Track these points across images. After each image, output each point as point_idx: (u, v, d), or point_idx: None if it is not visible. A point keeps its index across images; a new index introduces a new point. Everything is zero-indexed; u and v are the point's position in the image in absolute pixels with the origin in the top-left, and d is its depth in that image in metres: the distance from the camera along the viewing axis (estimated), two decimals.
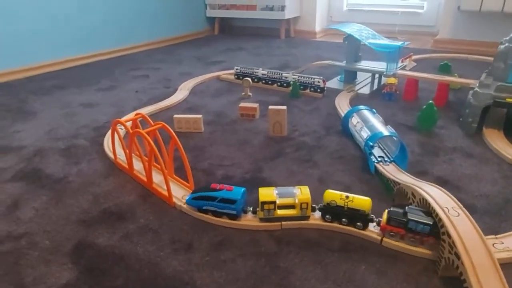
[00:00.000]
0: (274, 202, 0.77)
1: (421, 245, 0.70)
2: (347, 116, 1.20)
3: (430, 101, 1.21)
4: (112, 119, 1.32)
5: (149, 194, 0.93)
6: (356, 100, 1.53)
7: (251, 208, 0.82)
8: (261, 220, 0.79)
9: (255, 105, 1.37)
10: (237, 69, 1.82)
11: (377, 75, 1.65)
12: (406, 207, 0.71)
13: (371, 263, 0.69)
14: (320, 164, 1.05)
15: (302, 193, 0.79)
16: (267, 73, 1.72)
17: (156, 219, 0.83)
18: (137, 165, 1.00)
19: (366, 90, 1.62)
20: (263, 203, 0.77)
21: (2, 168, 1.08)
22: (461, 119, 1.26)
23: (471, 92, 1.23)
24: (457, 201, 0.70)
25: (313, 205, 0.80)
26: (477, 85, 1.21)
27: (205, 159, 1.09)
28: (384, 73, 1.53)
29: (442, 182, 0.94)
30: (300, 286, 0.65)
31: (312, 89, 1.60)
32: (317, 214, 0.80)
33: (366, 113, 1.15)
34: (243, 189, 0.82)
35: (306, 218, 0.79)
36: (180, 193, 0.90)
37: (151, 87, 1.82)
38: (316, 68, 1.91)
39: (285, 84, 1.67)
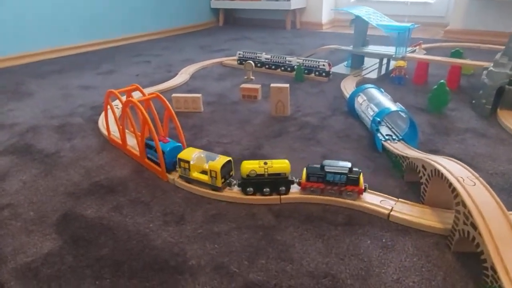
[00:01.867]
0: (188, 162, 0.75)
1: (340, 196, 0.71)
2: (352, 95, 1.15)
3: (442, 81, 1.15)
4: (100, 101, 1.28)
5: (142, 169, 0.88)
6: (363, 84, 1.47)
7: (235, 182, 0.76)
8: (181, 178, 0.79)
9: (257, 86, 1.32)
10: (239, 54, 1.77)
11: (385, 60, 1.59)
12: (323, 162, 0.71)
13: (377, 237, 0.64)
14: (324, 143, 0.99)
15: (216, 161, 0.74)
16: (271, 57, 1.66)
17: (148, 193, 0.78)
18: (132, 142, 0.96)
19: (373, 75, 1.56)
20: (179, 159, 0.76)
21: None
22: (473, 101, 1.19)
23: (485, 72, 1.17)
24: (472, 171, 0.64)
25: (232, 180, 0.77)
26: (492, 64, 1.15)
27: (203, 137, 1.05)
28: (393, 56, 1.47)
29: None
30: (300, 259, 0.59)
31: (317, 73, 1.54)
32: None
33: (373, 91, 1.09)
34: (176, 144, 0.82)
35: (218, 188, 0.75)
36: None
37: (152, 71, 1.77)
38: (323, 54, 1.86)
39: (289, 69, 1.61)
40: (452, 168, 0.64)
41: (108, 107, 0.98)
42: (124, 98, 0.89)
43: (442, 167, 0.64)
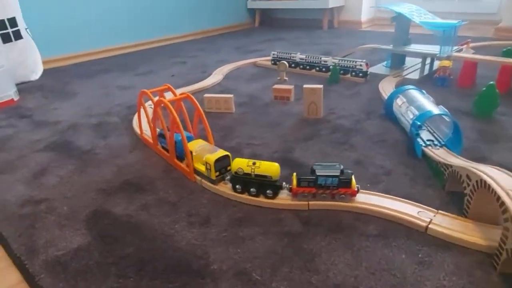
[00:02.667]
0: (191, 152, 0.79)
1: (333, 200, 0.69)
2: (391, 97, 1.09)
3: (492, 82, 1.06)
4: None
5: (171, 169, 0.89)
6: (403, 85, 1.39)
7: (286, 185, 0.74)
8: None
9: (290, 87, 1.29)
10: (274, 54, 1.74)
11: (428, 60, 1.50)
12: (313, 165, 0.69)
13: (413, 251, 0.59)
14: (358, 147, 0.94)
15: (213, 154, 0.76)
16: (306, 57, 1.63)
17: (175, 193, 0.78)
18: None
19: (415, 76, 1.48)
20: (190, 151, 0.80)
21: (36, 140, 1.10)
22: None
23: None
24: None
25: (227, 175, 0.77)
26: None
27: (233, 138, 1.03)
28: (437, 55, 1.38)
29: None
30: (326, 270, 0.56)
31: (353, 73, 1.49)
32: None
33: (414, 92, 1.03)
34: (189, 135, 0.86)
35: (213, 181, 0.76)
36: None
37: (187, 72, 1.80)
38: (361, 54, 1.79)
39: (324, 69, 1.57)
40: (501, 180, 0.58)
41: (141, 106, 0.99)
42: (156, 98, 0.90)
43: (490, 178, 0.58)
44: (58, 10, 2.04)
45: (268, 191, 0.71)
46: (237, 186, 0.74)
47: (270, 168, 0.71)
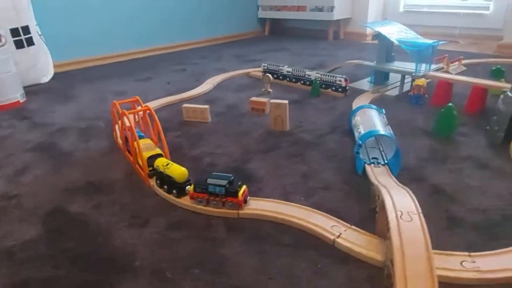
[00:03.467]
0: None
1: (224, 207, 0.77)
2: (351, 114, 1.13)
3: (450, 104, 1.08)
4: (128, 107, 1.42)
5: (134, 173, 0.98)
6: (380, 102, 1.43)
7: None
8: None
9: (265, 99, 1.35)
10: (264, 66, 1.82)
11: (409, 77, 1.52)
12: (210, 174, 0.79)
13: (314, 262, 0.65)
14: (311, 161, 1.00)
15: (148, 151, 0.90)
16: (292, 70, 1.69)
17: (129, 196, 0.87)
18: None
19: (395, 92, 1.51)
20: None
21: (27, 140, 1.22)
22: (487, 127, 1.11)
23: (501, 96, 1.08)
24: (418, 207, 0.62)
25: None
26: (510, 88, 1.06)
27: (199, 147, 1.11)
28: (413, 73, 1.41)
29: (436, 190, 0.84)
30: (231, 273, 0.63)
31: (333, 88, 1.53)
32: None
33: (369, 111, 1.07)
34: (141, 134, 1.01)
35: (148, 175, 0.90)
36: None
37: (183, 80, 1.90)
38: (351, 68, 1.83)
39: (308, 83, 1.62)
40: (398, 200, 0.63)
41: (113, 116, 1.09)
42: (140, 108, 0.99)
43: (388, 198, 0.63)
44: (71, 17, 2.20)
45: (174, 191, 0.83)
46: (157, 182, 0.87)
47: (175, 171, 0.82)
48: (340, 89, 1.51)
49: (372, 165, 0.91)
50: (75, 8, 2.21)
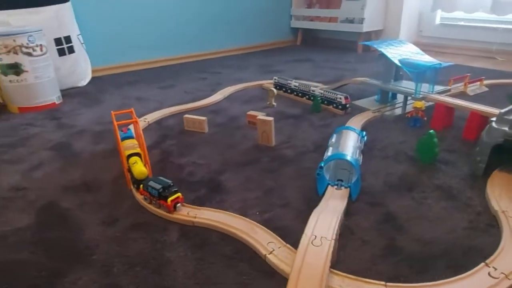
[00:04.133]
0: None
1: (160, 208, 0.89)
2: (332, 134, 1.17)
3: (431, 131, 1.08)
4: (148, 112, 1.58)
5: (122, 176, 1.10)
6: (379, 122, 1.44)
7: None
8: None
9: (261, 113, 1.42)
10: (275, 79, 1.88)
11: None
12: (156, 177, 0.91)
13: (243, 273, 0.71)
14: (282, 178, 1.06)
15: (129, 150, 1.02)
16: (298, 85, 1.74)
17: (110, 196, 0.99)
18: None
19: (396, 112, 1.50)
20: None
21: (50, 139, 1.41)
22: (472, 157, 1.08)
23: (487, 126, 1.05)
24: (334, 233, 0.66)
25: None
26: (495, 118, 1.03)
27: (187, 156, 1.22)
28: (412, 95, 1.40)
29: (388, 218, 0.86)
30: (167, 275, 0.71)
31: (334, 105, 1.56)
32: None
33: (347, 134, 1.10)
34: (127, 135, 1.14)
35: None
36: None
37: (200, 89, 2.03)
38: (362, 85, 1.83)
39: (312, 98, 1.66)
40: (320, 224, 0.67)
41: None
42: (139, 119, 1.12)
43: (312, 221, 0.68)
44: (110, 25, 2.43)
45: (135, 185, 0.97)
46: (132, 179, 0.99)
47: (136, 169, 0.95)
48: (340, 107, 1.54)
49: (335, 186, 0.94)
50: (111, 17, 2.44)
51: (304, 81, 2.01)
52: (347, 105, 1.53)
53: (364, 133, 1.15)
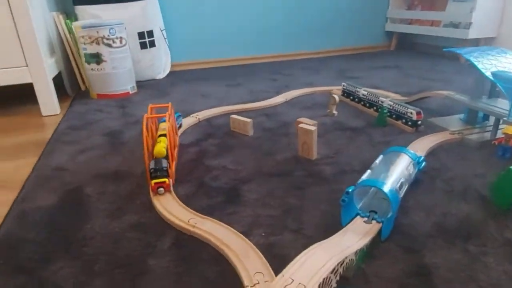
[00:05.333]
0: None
1: None
2: (380, 154, 0.98)
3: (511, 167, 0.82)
4: (206, 108, 1.59)
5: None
6: (456, 147, 1.17)
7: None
8: None
9: (312, 122, 1.28)
10: (344, 86, 1.70)
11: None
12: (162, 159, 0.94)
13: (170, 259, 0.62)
14: (308, 197, 0.92)
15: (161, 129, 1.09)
16: (367, 94, 1.54)
17: (131, 189, 0.98)
18: None
19: (485, 137, 1.21)
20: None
21: (109, 126, 1.49)
22: None
23: None
24: (328, 281, 0.51)
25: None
26: None
27: (221, 158, 1.15)
28: (505, 118, 1.10)
29: (421, 271, 0.66)
30: (142, 281, 0.66)
31: (404, 120, 1.33)
32: None
33: (397, 156, 0.90)
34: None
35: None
36: None
37: (265, 90, 1.96)
38: (446, 100, 1.54)
39: (379, 110, 1.45)
40: (309, 264, 0.54)
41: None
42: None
43: (304, 258, 0.55)
44: (194, 22, 2.53)
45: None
46: None
47: (157, 147, 0.98)
48: (410, 123, 1.30)
49: (365, 218, 0.78)
50: (196, 16, 2.52)
51: (381, 90, 1.79)
52: (419, 122, 1.29)
53: (422, 158, 0.94)
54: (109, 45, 1.81)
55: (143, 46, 2.18)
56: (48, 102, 1.69)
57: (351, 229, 0.74)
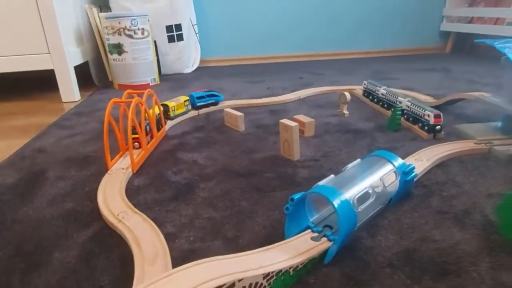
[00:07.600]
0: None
1: None
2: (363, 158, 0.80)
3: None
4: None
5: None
6: (478, 160, 0.93)
7: None
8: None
9: (311, 120, 1.14)
10: (364, 84, 1.51)
11: None
12: None
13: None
14: (262, 203, 0.78)
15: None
16: (386, 93, 1.33)
17: (84, 176, 0.94)
18: None
19: None
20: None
21: (116, 114, 1.48)
22: None
23: None
24: None
25: None
26: None
27: (197, 152, 1.06)
28: None
29: None
30: (39, 279, 0.59)
31: (420, 125, 1.12)
32: None
33: (377, 162, 0.73)
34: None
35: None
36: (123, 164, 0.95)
37: (285, 87, 1.82)
38: (486, 104, 1.28)
39: (392, 111, 1.24)
40: (185, 279, 0.42)
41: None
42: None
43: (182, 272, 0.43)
44: (226, 18, 2.49)
45: None
46: None
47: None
48: (426, 127, 1.09)
49: (315, 234, 0.63)
50: (231, 12, 2.48)
51: (411, 91, 1.56)
52: (438, 127, 1.07)
53: (412, 166, 0.74)
54: (131, 36, 1.83)
55: (170, 39, 2.18)
56: (68, 89, 1.75)
57: (289, 245, 0.60)
